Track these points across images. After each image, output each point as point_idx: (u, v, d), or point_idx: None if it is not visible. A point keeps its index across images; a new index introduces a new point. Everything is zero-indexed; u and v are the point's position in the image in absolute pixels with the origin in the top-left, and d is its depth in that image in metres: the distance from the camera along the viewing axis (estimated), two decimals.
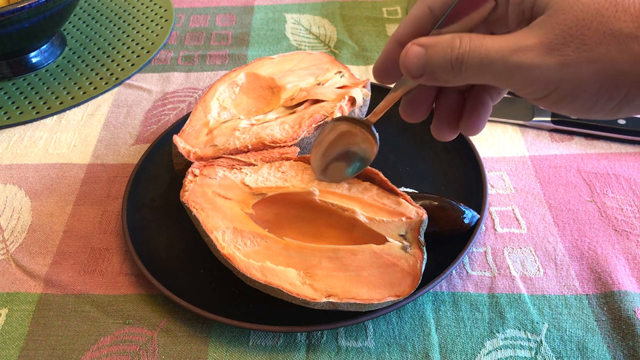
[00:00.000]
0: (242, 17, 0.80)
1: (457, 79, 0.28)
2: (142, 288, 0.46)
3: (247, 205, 0.44)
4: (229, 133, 0.50)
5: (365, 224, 0.42)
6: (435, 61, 0.28)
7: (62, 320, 0.44)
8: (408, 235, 0.41)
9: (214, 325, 0.43)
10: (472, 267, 0.46)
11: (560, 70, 0.24)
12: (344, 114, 0.50)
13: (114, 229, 0.51)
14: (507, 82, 0.26)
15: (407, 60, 0.29)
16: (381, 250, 0.40)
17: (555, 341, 0.41)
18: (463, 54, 0.27)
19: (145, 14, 0.81)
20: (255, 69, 0.57)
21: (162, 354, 0.42)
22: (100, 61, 0.73)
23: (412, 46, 0.29)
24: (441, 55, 0.27)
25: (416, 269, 0.39)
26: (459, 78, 0.28)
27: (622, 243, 0.47)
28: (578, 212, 0.50)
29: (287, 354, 0.42)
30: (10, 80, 0.70)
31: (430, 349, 0.41)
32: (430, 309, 0.44)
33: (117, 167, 0.58)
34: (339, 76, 0.56)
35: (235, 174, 0.47)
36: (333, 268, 0.40)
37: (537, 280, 0.45)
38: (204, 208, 0.44)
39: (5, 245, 0.51)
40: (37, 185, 0.56)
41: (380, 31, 0.76)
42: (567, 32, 0.24)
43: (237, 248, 0.41)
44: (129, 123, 0.63)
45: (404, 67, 0.29)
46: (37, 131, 0.63)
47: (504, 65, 0.25)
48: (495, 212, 0.50)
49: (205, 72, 0.70)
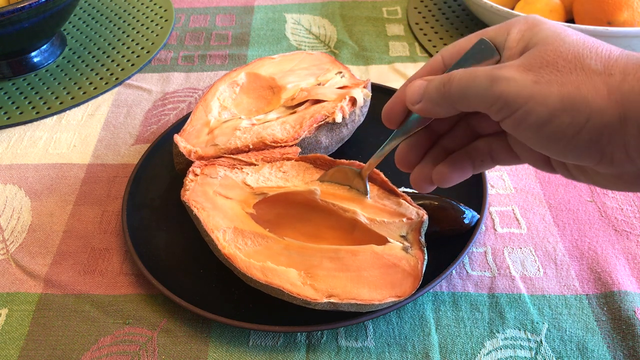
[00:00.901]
0: (242, 17, 0.80)
1: (447, 101, 0.31)
2: (142, 288, 0.46)
3: (248, 205, 0.44)
4: (230, 133, 0.50)
5: (366, 225, 0.42)
6: (431, 87, 0.31)
7: (62, 320, 0.44)
8: (409, 236, 0.42)
9: (214, 325, 0.43)
10: (472, 267, 0.46)
11: (532, 86, 0.27)
12: (345, 114, 0.50)
13: (114, 229, 0.51)
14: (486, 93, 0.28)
15: (410, 89, 0.33)
16: (382, 250, 0.41)
17: (555, 341, 0.41)
18: (454, 75, 0.30)
19: (145, 14, 0.81)
20: (255, 68, 0.57)
21: (162, 354, 0.42)
22: (100, 61, 0.73)
23: (418, 80, 0.33)
24: (438, 81, 0.31)
25: (417, 269, 0.39)
26: (449, 99, 0.30)
27: (622, 243, 0.47)
28: (578, 212, 0.50)
29: (287, 354, 0.42)
30: (10, 80, 0.70)
31: (430, 349, 0.41)
32: (430, 309, 0.44)
33: (117, 167, 0.58)
34: (339, 76, 0.56)
35: (236, 174, 0.47)
36: (334, 268, 0.40)
37: (537, 280, 0.45)
38: (204, 207, 0.44)
39: (5, 245, 0.51)
40: (37, 185, 0.56)
41: (380, 31, 0.76)
42: (546, 59, 0.27)
43: (237, 248, 0.41)
44: (129, 123, 0.63)
45: (407, 96, 0.33)
46: (37, 131, 0.63)
47: (486, 77, 0.28)
48: (495, 212, 0.50)
49: (205, 72, 0.70)
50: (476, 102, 0.29)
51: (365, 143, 0.56)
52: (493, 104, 0.28)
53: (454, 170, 0.35)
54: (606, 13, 0.62)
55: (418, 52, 0.71)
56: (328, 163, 0.47)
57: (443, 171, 0.35)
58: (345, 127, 0.51)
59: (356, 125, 0.53)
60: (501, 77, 0.28)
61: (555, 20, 0.63)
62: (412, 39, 0.74)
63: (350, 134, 0.53)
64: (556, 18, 0.66)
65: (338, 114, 0.50)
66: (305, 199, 0.44)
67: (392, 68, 0.69)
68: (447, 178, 0.35)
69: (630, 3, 0.61)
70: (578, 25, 0.59)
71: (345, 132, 0.52)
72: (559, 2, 0.67)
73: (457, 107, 0.31)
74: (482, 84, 0.28)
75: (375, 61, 0.70)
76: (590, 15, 0.63)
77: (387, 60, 0.70)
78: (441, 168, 0.35)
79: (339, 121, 0.50)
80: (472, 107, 0.30)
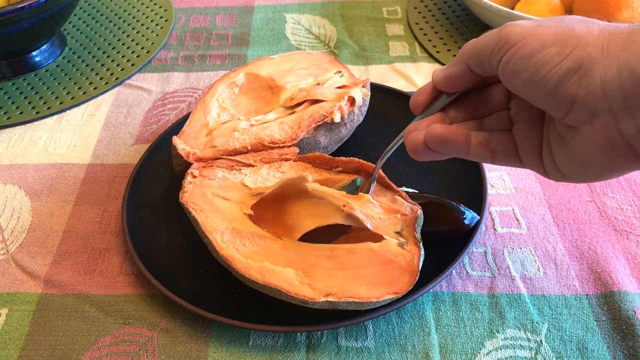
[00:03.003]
0: (242, 17, 0.80)
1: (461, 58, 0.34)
2: (142, 288, 0.46)
3: (246, 206, 0.44)
4: (228, 134, 0.50)
5: (362, 221, 0.42)
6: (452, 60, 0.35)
7: (62, 320, 0.44)
8: (404, 231, 0.41)
9: (214, 325, 0.43)
10: (472, 267, 0.46)
11: (534, 28, 0.30)
12: (344, 114, 0.50)
13: (114, 229, 0.51)
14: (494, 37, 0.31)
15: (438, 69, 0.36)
16: (378, 247, 0.40)
17: (555, 341, 0.41)
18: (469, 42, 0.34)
19: (145, 14, 0.81)
20: (254, 69, 0.57)
21: (162, 354, 0.42)
22: (100, 61, 0.73)
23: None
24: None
25: (413, 265, 0.39)
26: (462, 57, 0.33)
27: (622, 243, 0.47)
28: (578, 212, 0.50)
29: (287, 354, 0.42)
30: (10, 80, 0.70)
31: (430, 349, 0.41)
32: (430, 309, 0.44)
33: (117, 167, 0.58)
34: (338, 76, 0.56)
35: (235, 175, 0.47)
36: (331, 267, 0.40)
37: (537, 280, 0.45)
38: (203, 209, 0.44)
39: (5, 245, 0.51)
40: (37, 185, 0.56)
41: (380, 31, 0.75)
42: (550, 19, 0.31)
43: (236, 249, 0.41)
44: (129, 123, 0.63)
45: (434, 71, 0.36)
46: (37, 131, 0.63)
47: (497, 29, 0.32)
48: (495, 212, 0.50)
49: (205, 72, 0.70)
50: (484, 49, 0.32)
51: (364, 143, 0.56)
52: (497, 42, 0.31)
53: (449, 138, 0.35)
54: (606, 13, 0.62)
55: (418, 52, 0.71)
56: (327, 162, 0.47)
57: (438, 130, 0.35)
58: (344, 127, 0.51)
59: (355, 125, 0.53)
60: (510, 23, 0.31)
61: None
62: (412, 39, 0.74)
63: (350, 133, 0.53)
64: None
65: (336, 113, 0.50)
66: (297, 190, 0.44)
67: (392, 68, 0.69)
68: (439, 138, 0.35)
69: (630, 3, 0.61)
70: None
71: (344, 131, 0.52)
72: (558, 2, 0.67)
73: (469, 63, 0.33)
74: (492, 33, 0.32)
75: (375, 61, 0.70)
76: (590, 15, 0.63)
77: (387, 60, 0.70)
78: (438, 127, 0.35)
79: (337, 121, 0.50)
80: (481, 56, 0.32)
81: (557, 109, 0.29)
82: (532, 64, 0.29)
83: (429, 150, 0.35)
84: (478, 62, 0.33)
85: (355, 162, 0.45)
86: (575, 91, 0.28)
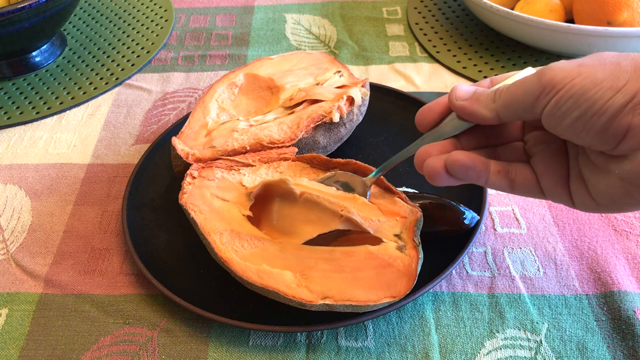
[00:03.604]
0: (242, 17, 0.80)
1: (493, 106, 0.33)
2: (142, 288, 0.46)
3: (245, 207, 0.44)
4: (228, 134, 0.50)
5: (361, 224, 0.42)
6: (481, 91, 0.34)
7: (62, 320, 0.44)
8: (403, 234, 0.41)
9: (214, 325, 0.43)
10: (472, 267, 0.46)
11: (578, 68, 0.30)
12: (342, 113, 0.50)
13: (114, 229, 0.51)
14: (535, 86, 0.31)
15: (458, 88, 0.35)
16: (377, 250, 0.40)
17: (555, 341, 0.41)
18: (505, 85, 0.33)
19: (145, 14, 0.81)
20: (254, 69, 0.57)
21: (162, 354, 0.42)
22: (100, 61, 0.73)
23: (467, 84, 0.36)
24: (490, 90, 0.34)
25: (411, 269, 0.39)
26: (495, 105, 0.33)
27: (622, 243, 0.47)
28: (578, 212, 0.50)
29: (287, 354, 0.42)
30: (10, 80, 0.70)
31: (430, 349, 0.41)
32: (430, 309, 0.44)
33: (117, 167, 0.58)
34: (338, 76, 0.56)
35: (234, 175, 0.47)
36: (329, 270, 0.40)
37: (537, 280, 0.45)
38: (202, 210, 0.44)
39: (6, 245, 0.51)
40: (37, 185, 0.56)
41: (380, 31, 0.76)
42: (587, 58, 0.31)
43: (234, 250, 0.41)
44: (129, 123, 0.63)
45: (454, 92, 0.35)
46: (37, 131, 0.63)
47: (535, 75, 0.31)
48: (495, 212, 0.50)
49: (205, 72, 0.70)
50: (525, 99, 0.31)
51: (364, 143, 0.56)
52: (542, 90, 0.30)
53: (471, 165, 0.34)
54: (606, 13, 0.62)
55: (418, 52, 0.71)
56: (324, 162, 0.47)
57: (461, 157, 0.34)
58: (343, 127, 0.51)
59: (355, 125, 0.53)
60: (548, 68, 0.30)
61: (555, 20, 0.63)
62: (412, 39, 0.74)
63: (349, 133, 0.53)
64: (556, 18, 0.66)
65: (335, 113, 0.50)
66: (284, 191, 0.44)
67: (392, 68, 0.69)
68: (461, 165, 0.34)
69: (630, 3, 0.61)
70: (578, 26, 0.59)
71: (343, 131, 0.52)
72: (558, 2, 0.67)
73: (501, 114, 0.33)
74: (531, 80, 0.31)
75: (375, 61, 0.70)
76: (590, 15, 0.63)
77: (387, 60, 0.70)
78: (460, 155, 0.35)
79: (336, 121, 0.50)
80: (518, 108, 0.32)
81: (607, 143, 0.29)
82: (585, 101, 0.29)
83: (448, 177, 0.35)
84: (514, 112, 0.32)
85: (352, 163, 0.45)
86: (629, 120, 0.28)
